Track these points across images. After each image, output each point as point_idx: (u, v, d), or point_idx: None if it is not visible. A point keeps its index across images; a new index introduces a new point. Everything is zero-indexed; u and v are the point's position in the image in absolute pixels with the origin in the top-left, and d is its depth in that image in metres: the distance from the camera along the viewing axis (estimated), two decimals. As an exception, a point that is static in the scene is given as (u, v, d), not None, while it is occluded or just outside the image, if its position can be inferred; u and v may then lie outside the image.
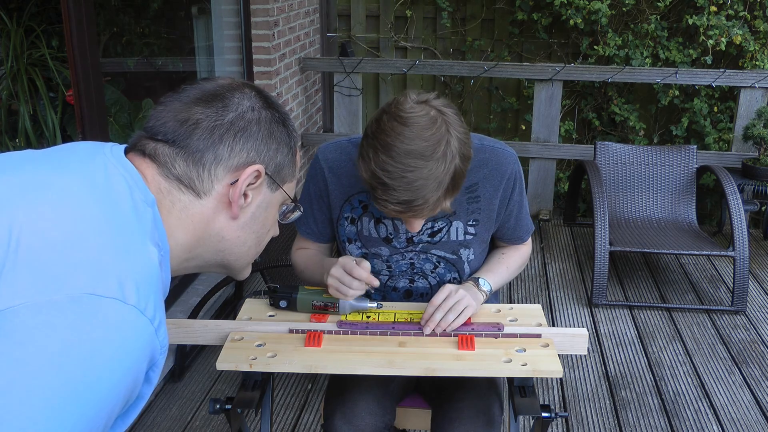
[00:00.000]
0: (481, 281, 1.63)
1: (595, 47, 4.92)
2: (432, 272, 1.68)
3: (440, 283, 1.68)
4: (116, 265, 0.75)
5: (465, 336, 1.53)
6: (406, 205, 1.34)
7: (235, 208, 0.91)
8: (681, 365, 3.02)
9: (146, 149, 0.89)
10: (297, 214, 1.03)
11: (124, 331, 0.73)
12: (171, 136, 0.89)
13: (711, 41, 4.55)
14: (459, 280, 1.69)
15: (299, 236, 1.75)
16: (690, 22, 4.60)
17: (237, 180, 0.90)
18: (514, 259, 1.75)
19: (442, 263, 1.67)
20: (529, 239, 1.79)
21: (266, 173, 0.93)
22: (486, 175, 1.58)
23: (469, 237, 1.64)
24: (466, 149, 1.35)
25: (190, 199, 0.89)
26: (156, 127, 0.90)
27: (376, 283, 1.52)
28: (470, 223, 1.62)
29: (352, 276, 1.50)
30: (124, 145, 0.93)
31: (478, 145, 1.56)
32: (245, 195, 0.92)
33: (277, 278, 2.69)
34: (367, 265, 1.52)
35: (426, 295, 1.71)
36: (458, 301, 1.53)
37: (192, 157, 0.88)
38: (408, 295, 1.73)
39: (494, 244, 1.79)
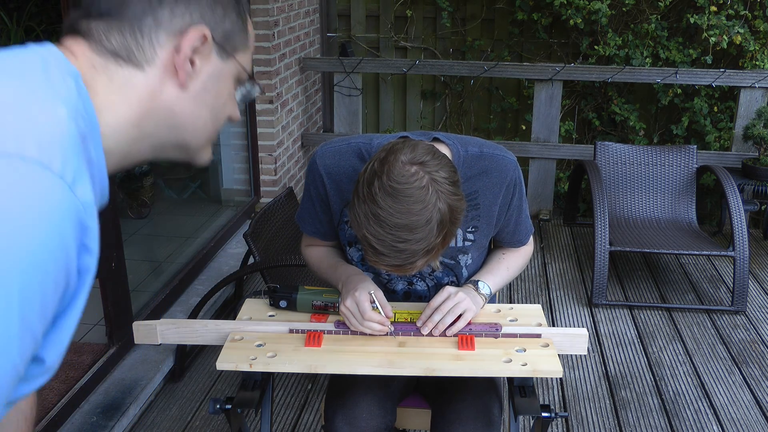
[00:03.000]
0: (480, 284, 1.63)
1: (595, 47, 4.92)
2: (430, 275, 1.68)
3: (438, 286, 1.68)
4: (13, 122, 0.68)
5: (465, 336, 1.53)
6: (396, 268, 1.36)
7: (181, 75, 0.85)
8: (681, 365, 3.02)
9: (80, 28, 0.84)
10: (256, 90, 0.97)
11: (27, 188, 0.65)
12: (105, 7, 0.83)
13: (713, 39, 4.56)
14: (457, 283, 1.69)
15: (306, 234, 1.75)
16: (691, 21, 4.61)
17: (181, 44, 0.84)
18: (514, 259, 1.74)
19: (440, 267, 1.67)
20: (530, 239, 1.79)
21: (213, 39, 0.87)
22: (486, 184, 1.57)
23: (467, 243, 1.64)
24: (457, 213, 1.34)
25: (131, 72, 0.84)
26: (89, 3, 0.84)
27: (386, 330, 1.53)
28: (469, 230, 1.62)
29: (363, 317, 1.51)
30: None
31: (477, 152, 1.56)
32: (192, 62, 0.86)
33: (277, 278, 2.69)
34: (380, 296, 1.54)
35: (424, 298, 1.71)
36: (457, 304, 1.53)
37: (129, 26, 0.83)
38: (407, 297, 1.73)
39: (495, 244, 1.79)
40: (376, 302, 1.51)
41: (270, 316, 1.62)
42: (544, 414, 1.47)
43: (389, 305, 1.55)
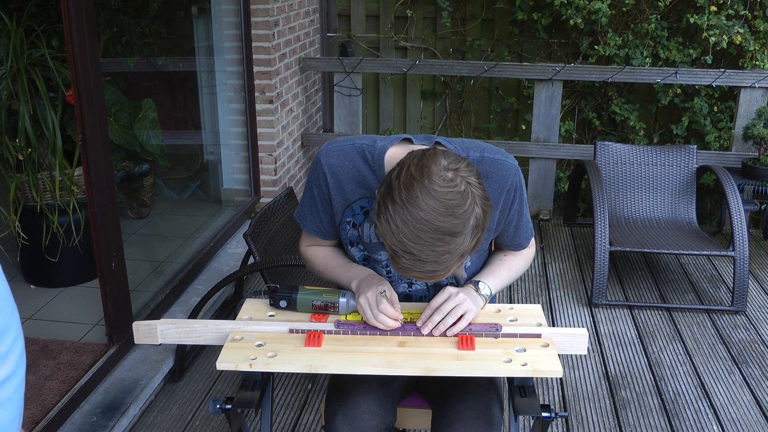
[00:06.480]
0: (480, 285, 1.63)
1: (596, 47, 4.92)
2: None
3: (438, 287, 1.68)
4: None
5: (465, 336, 1.53)
6: (430, 274, 1.35)
7: None
8: (681, 365, 3.02)
9: None
10: None
11: None
12: None
13: (713, 39, 4.56)
14: (456, 285, 1.69)
15: (306, 234, 1.74)
16: (691, 21, 4.61)
17: None
18: (516, 261, 1.74)
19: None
20: (532, 241, 1.78)
21: None
22: (487, 188, 1.57)
23: None
24: (487, 218, 1.37)
25: None
26: None
27: (397, 324, 1.55)
28: None
29: (377, 309, 1.53)
30: None
31: (478, 157, 1.55)
32: None
33: (277, 278, 2.69)
34: (395, 297, 1.56)
35: (424, 299, 1.71)
36: (458, 305, 1.54)
37: None
38: (407, 299, 1.73)
39: (496, 246, 1.79)
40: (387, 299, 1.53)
41: (270, 316, 1.62)
42: (544, 414, 1.47)
43: (399, 305, 1.56)
